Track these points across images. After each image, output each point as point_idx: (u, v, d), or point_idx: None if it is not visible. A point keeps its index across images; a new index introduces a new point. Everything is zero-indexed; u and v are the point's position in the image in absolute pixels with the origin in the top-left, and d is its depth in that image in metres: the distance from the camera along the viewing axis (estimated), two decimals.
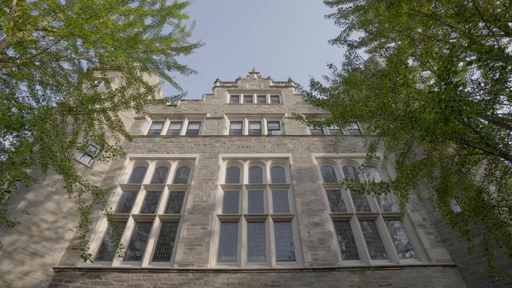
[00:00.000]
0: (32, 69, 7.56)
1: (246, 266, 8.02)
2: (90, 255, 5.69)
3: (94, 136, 7.20)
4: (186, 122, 14.12)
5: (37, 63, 7.18)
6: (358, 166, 11.65)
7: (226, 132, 13.39)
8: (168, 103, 15.26)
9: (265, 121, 14.18)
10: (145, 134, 13.27)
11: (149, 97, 15.60)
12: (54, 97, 7.20)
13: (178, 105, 15.14)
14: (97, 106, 8.27)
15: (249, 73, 18.87)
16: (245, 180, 10.79)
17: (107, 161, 7.83)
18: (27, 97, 6.19)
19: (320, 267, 7.91)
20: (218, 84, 17.28)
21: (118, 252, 7.18)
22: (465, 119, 2.98)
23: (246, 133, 13.40)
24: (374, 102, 6.24)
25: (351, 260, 8.46)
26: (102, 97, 7.10)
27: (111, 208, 7.95)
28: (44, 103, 6.32)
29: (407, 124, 3.93)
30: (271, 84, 17.56)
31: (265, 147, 12.24)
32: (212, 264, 8.10)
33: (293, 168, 11.09)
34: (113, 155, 6.57)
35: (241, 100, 16.10)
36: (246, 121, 14.18)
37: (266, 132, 13.43)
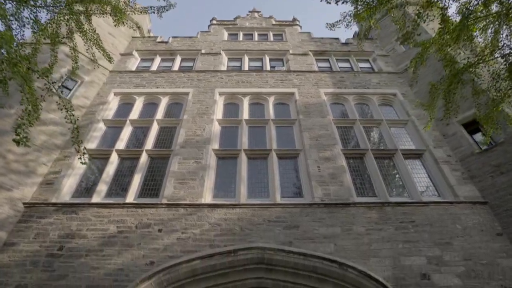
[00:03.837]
0: None
1: (247, 201, 6.94)
2: (26, 138, 4.50)
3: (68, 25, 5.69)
4: (178, 59, 12.57)
5: None
6: (372, 103, 10.32)
7: (224, 69, 11.89)
8: (158, 40, 13.62)
9: (267, 58, 12.63)
10: (133, 70, 11.78)
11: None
12: None
13: (170, 42, 13.48)
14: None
15: (249, 11, 16.98)
16: (245, 116, 9.49)
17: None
18: None
19: (332, 202, 6.84)
20: (214, 22, 15.48)
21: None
22: None
23: (246, 69, 11.92)
24: None
25: (367, 197, 7.40)
26: None
27: (77, 116, 6.37)
28: None
29: None
30: (274, 22, 15.77)
31: (268, 82, 10.83)
32: (207, 199, 7.01)
33: (300, 103, 9.76)
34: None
35: (240, 38, 14.43)
36: (246, 58, 12.63)
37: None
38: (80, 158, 5.35)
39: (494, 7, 5.83)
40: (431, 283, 5.68)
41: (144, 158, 8.01)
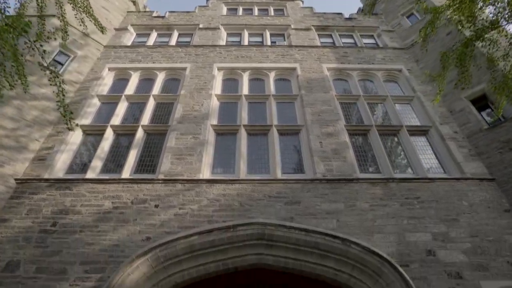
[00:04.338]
0: None
1: (246, 177, 6.71)
2: None
3: None
4: (175, 34, 12.08)
5: None
6: (377, 79, 9.93)
7: (223, 44, 11.44)
8: (154, 14, 13.08)
9: (267, 34, 12.14)
10: (128, 45, 11.32)
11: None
12: None
13: (166, 17, 12.94)
14: None
15: None
16: (245, 91, 9.14)
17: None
18: None
19: (335, 178, 6.60)
20: None
21: None
22: None
23: (246, 44, 11.47)
24: None
25: (371, 173, 7.17)
26: None
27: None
28: None
29: None
30: None
31: (268, 57, 10.41)
32: (206, 175, 6.78)
33: (301, 78, 9.39)
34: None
35: (240, 12, 13.86)
36: (246, 33, 12.15)
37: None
38: (67, 124, 5.07)
39: None
40: (437, 259, 5.51)
41: (140, 134, 7.72)
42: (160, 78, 9.63)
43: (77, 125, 6.05)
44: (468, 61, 5.46)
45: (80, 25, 7.45)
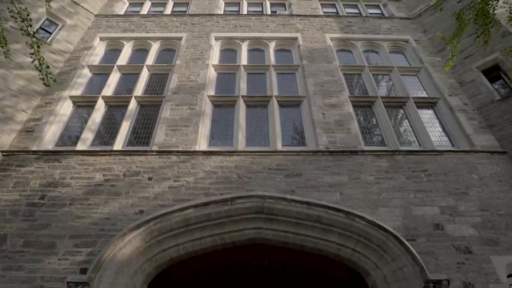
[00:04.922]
0: None
1: (245, 149, 6.38)
2: None
3: None
4: (170, 3, 11.40)
5: None
6: (382, 50, 9.42)
7: (220, 13, 10.83)
8: None
9: (267, 3, 11.46)
10: (120, 14, 10.71)
11: None
12: None
13: None
14: None
15: None
16: (244, 62, 8.67)
17: None
18: None
19: (338, 150, 6.26)
20: None
21: None
22: None
23: (245, 13, 10.86)
24: None
25: (376, 146, 6.83)
26: None
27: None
28: None
29: None
30: None
31: (268, 26, 9.84)
32: (202, 146, 6.43)
33: (303, 49, 8.87)
34: None
35: None
36: (245, 2, 11.47)
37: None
38: (44, 79, 4.68)
39: None
40: (444, 233, 5.26)
41: (133, 105, 7.33)
42: (154, 49, 9.12)
43: (54, 81, 5.69)
44: (492, 12, 4.97)
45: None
